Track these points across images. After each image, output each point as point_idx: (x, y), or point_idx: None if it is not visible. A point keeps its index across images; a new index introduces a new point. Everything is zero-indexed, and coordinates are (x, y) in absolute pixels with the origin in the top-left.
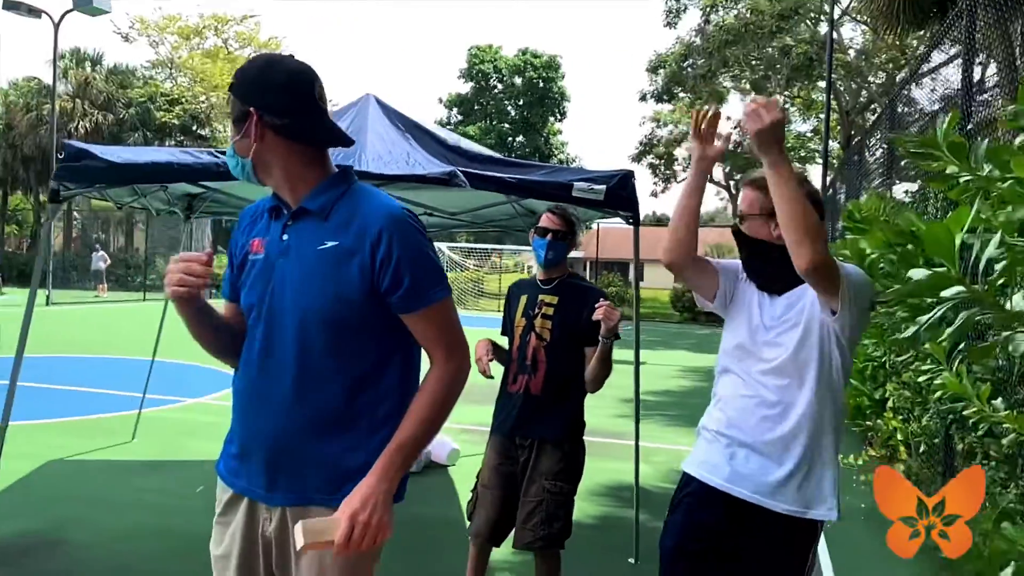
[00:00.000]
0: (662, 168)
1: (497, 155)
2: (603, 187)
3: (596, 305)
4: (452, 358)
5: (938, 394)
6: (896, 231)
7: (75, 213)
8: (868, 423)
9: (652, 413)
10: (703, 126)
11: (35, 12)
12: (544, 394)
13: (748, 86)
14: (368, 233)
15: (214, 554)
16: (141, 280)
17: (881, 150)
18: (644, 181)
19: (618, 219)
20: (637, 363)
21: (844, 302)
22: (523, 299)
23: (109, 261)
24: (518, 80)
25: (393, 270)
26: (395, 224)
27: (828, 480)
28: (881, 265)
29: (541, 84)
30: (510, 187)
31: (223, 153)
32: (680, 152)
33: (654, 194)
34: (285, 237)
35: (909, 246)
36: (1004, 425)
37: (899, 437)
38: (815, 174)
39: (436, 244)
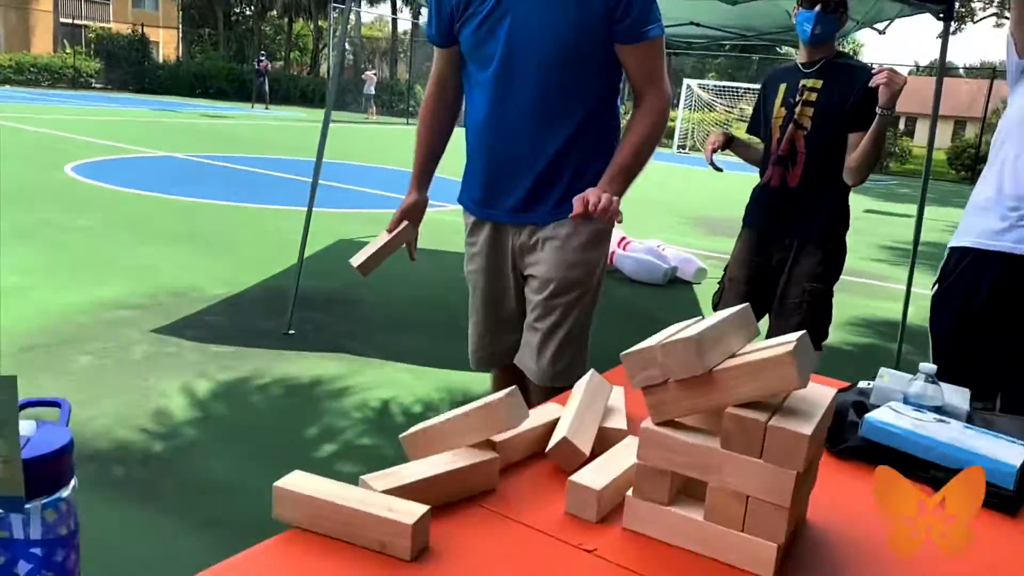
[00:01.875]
0: (943, 31)
1: None
2: None
3: (873, 72)
4: (662, 95)
5: None
6: None
7: (346, 45)
8: None
9: (921, 262)
10: None
11: None
12: (802, 187)
13: None
14: None
15: (467, 270)
16: (404, 106)
17: None
18: (929, 22)
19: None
20: (923, 201)
21: None
22: (782, 88)
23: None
24: None
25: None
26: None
27: None
28: None
29: None
30: None
31: None
32: None
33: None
34: None
35: None
36: None
37: None
38: None
39: (686, 81)
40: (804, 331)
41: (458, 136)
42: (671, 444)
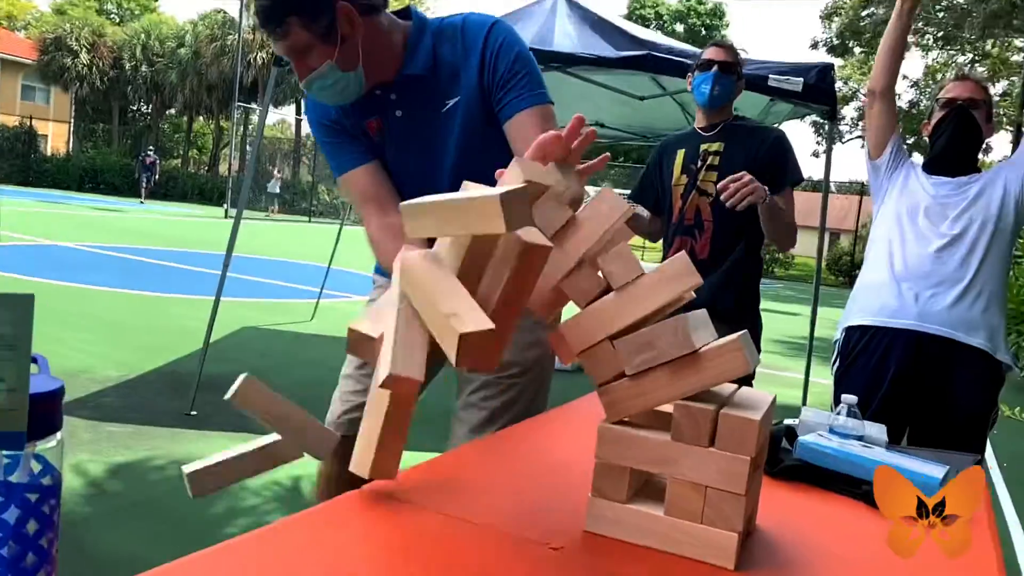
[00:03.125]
0: (827, 130)
1: (694, 49)
2: (800, 79)
3: (730, 183)
4: None
5: None
6: None
7: (248, 147)
8: None
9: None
10: None
11: None
12: (713, 257)
13: (931, 41)
14: (471, 66)
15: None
16: (306, 205)
17: None
18: (806, 140)
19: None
20: (816, 300)
21: None
22: (680, 153)
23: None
24: (679, 27)
25: (500, 76)
26: (493, 34)
27: (1003, 331)
28: None
29: (703, 32)
30: None
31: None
32: (848, 111)
33: (815, 154)
34: (399, 112)
35: None
36: None
37: None
38: (1002, 141)
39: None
40: (745, 331)
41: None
42: (628, 440)
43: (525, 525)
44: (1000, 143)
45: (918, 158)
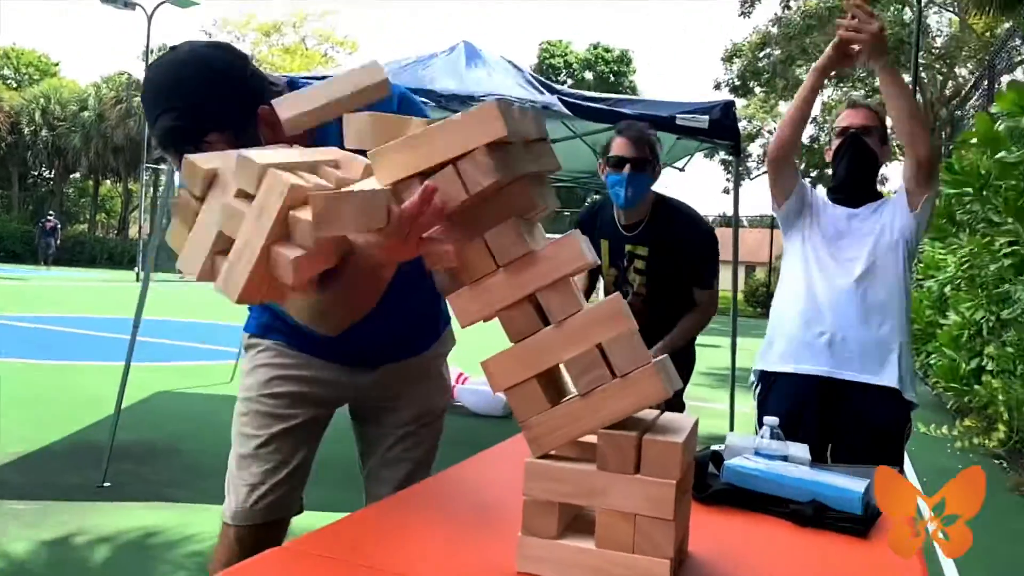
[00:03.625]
0: (733, 164)
1: (597, 95)
2: (706, 117)
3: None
4: None
5: None
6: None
7: (158, 209)
8: (964, 388)
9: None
10: (851, 38)
11: (130, 5)
12: (647, 341)
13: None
14: None
15: (269, 391)
16: None
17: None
18: (716, 177)
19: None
20: (734, 334)
21: (929, 200)
22: (605, 244)
23: None
24: (588, 75)
25: None
26: (405, 105)
27: (910, 365)
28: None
29: (612, 79)
30: (610, 117)
31: None
32: (754, 149)
33: (725, 191)
34: None
35: None
36: None
37: (1000, 398)
38: (894, 170)
39: None
40: (666, 356)
41: None
42: (554, 474)
43: (456, 571)
44: (895, 172)
45: (823, 190)
